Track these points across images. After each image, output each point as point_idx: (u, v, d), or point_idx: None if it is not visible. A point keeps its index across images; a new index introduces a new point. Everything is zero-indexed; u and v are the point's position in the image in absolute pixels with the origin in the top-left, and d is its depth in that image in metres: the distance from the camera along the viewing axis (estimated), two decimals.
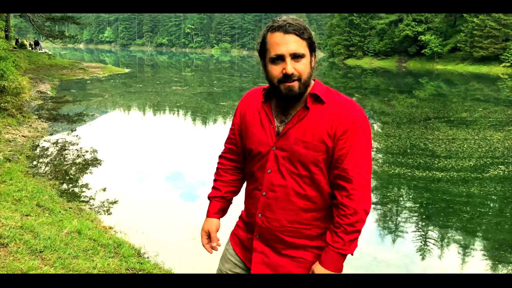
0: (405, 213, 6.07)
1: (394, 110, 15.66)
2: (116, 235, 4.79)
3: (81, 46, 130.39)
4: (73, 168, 7.55)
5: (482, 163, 8.26)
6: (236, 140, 1.94)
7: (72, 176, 7.06)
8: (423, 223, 5.75)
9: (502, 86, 30.34)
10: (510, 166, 8.06)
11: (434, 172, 7.60)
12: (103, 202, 6.01)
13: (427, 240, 5.30)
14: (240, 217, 1.99)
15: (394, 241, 5.27)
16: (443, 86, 29.76)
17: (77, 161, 8.02)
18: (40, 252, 3.59)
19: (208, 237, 1.99)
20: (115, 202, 6.03)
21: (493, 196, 6.52)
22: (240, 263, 1.91)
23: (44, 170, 7.25)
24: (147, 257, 4.32)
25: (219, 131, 11.65)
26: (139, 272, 3.71)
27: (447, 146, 9.56)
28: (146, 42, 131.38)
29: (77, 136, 10.09)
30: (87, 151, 8.67)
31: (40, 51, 36.16)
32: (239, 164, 1.98)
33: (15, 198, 5.16)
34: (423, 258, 4.79)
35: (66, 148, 8.92)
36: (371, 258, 4.69)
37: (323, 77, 39.01)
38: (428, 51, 53.04)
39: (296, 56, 1.61)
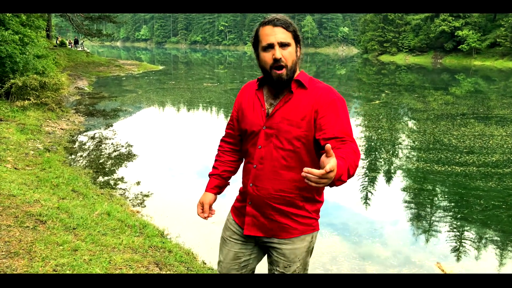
0: (419, 205, 6.22)
1: (427, 106, 15.56)
2: (143, 218, 5.22)
3: (118, 44, 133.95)
4: (106, 159, 8.08)
5: (505, 159, 8.25)
6: (233, 125, 2.30)
7: (105, 166, 7.58)
8: (437, 215, 5.89)
9: None
10: None
11: (454, 167, 7.68)
12: (133, 190, 6.47)
13: (440, 229, 5.46)
14: (238, 191, 2.32)
15: (407, 232, 5.46)
16: (481, 83, 29.04)
17: (110, 152, 8.56)
18: (74, 229, 4.04)
19: (202, 208, 2.34)
20: (144, 191, 6.47)
21: (510, 191, 6.57)
22: (237, 230, 2.25)
23: (79, 160, 7.81)
24: (170, 238, 4.71)
25: None
26: (161, 249, 4.10)
27: (471, 142, 9.56)
28: (181, 40, 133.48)
29: (111, 130, 10.68)
30: (120, 144, 9.21)
31: (79, 49, 37.60)
32: (236, 146, 2.34)
33: (53, 184, 5.68)
34: (433, 248, 4.97)
35: (100, 140, 9.49)
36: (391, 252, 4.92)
37: (356, 73, 38.73)
38: (466, 47, 51.63)
39: (283, 45, 1.96)
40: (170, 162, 8.26)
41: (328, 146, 1.54)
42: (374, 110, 14.63)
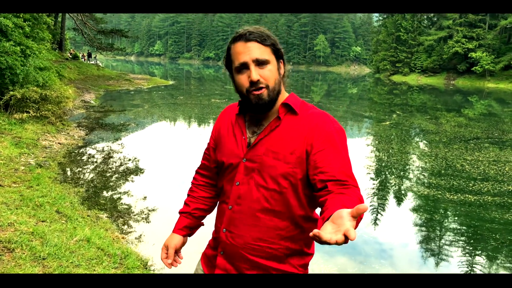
0: (429, 237, 5.76)
1: (439, 128, 15.07)
2: (127, 245, 4.83)
3: (132, 58, 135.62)
4: (100, 177, 7.74)
5: None
6: (209, 155, 1.92)
7: (97, 185, 7.23)
8: (447, 249, 5.42)
9: None
10: None
11: (467, 196, 7.20)
12: (123, 211, 6.10)
13: (450, 264, 4.99)
14: (212, 235, 1.93)
15: (415, 266, 5.00)
16: (495, 105, 28.46)
17: (105, 170, 8.23)
18: (43, 259, 3.66)
19: (167, 253, 1.93)
20: (135, 213, 6.09)
21: None
22: None
23: (72, 177, 7.47)
24: (153, 270, 4.31)
25: None
26: None
27: (486, 168, 9.06)
28: (194, 56, 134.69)
29: (110, 146, 10.38)
30: (117, 162, 8.89)
31: (92, 62, 37.85)
32: (212, 180, 1.95)
33: (36, 204, 5.33)
34: None
35: (98, 157, 9.18)
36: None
37: (368, 93, 38.38)
38: (479, 69, 51.06)
39: (260, 63, 1.59)
40: (167, 181, 7.89)
41: (363, 206, 1.08)
42: (385, 131, 14.18)
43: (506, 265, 4.99)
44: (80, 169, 8.07)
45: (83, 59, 37.08)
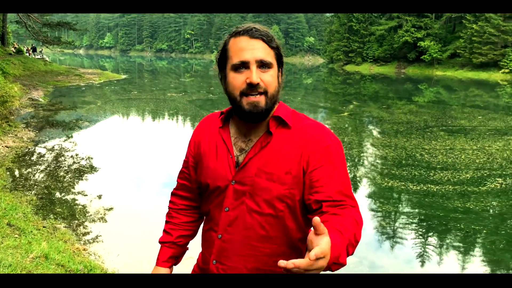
0: (397, 231, 5.80)
1: (393, 117, 15.40)
2: (89, 258, 4.52)
3: (81, 51, 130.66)
4: (54, 180, 7.28)
5: (480, 175, 8.00)
6: (189, 174, 1.67)
7: (52, 190, 6.79)
8: (416, 242, 5.47)
9: (501, 92, 30.15)
10: (508, 178, 7.79)
11: (429, 186, 7.34)
12: (81, 219, 5.74)
13: (420, 259, 5.03)
14: (196, 263, 1.73)
15: (387, 257, 5.00)
16: (443, 92, 29.56)
17: (58, 172, 7.76)
18: None
19: None
20: (95, 219, 5.75)
21: (489, 212, 6.25)
22: None
23: (23, 183, 6.97)
24: None
25: None
26: None
27: (444, 157, 9.30)
28: (146, 48, 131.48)
29: (63, 147, 9.84)
30: (70, 163, 8.42)
31: (38, 57, 36.01)
32: (194, 202, 1.71)
33: None
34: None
35: (49, 158, 8.66)
36: None
37: (322, 83, 38.88)
38: (428, 57, 52.89)
39: (263, 65, 1.39)
40: (123, 178, 7.55)
41: (317, 220, 1.01)
42: (343, 122, 14.32)
43: (474, 255, 5.08)
44: (32, 174, 7.56)
45: (27, 54, 35.20)
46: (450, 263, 4.96)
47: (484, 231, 5.68)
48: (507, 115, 16.77)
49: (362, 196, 7.01)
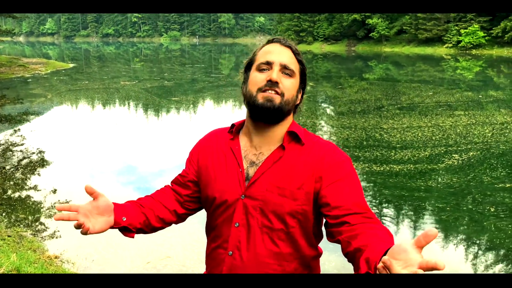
0: None
1: (348, 97, 15.71)
2: (63, 266, 4.37)
3: (21, 39, 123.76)
4: (9, 182, 6.93)
5: (437, 152, 8.35)
6: (182, 189, 1.63)
7: (9, 193, 6.46)
8: (386, 224, 5.67)
9: (446, 66, 31.48)
10: (463, 154, 8.19)
11: (392, 166, 7.59)
12: (48, 222, 5.51)
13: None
14: None
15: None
16: (392, 68, 30.49)
17: (14, 173, 7.39)
18: None
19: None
20: (56, 224, 5.53)
21: (450, 189, 6.56)
22: None
23: None
24: None
25: (169, 127, 11.22)
26: None
27: (402, 136, 9.62)
28: (91, 33, 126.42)
29: (10, 141, 9.36)
30: (25, 160, 8.04)
31: None
32: (171, 215, 1.61)
33: None
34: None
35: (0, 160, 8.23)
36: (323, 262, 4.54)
37: None
38: (376, 34, 54.16)
39: (286, 69, 1.43)
40: (89, 172, 7.31)
41: (433, 231, 0.97)
42: (302, 105, 14.45)
43: (442, 234, 5.33)
44: None
45: None
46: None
47: (447, 208, 5.96)
48: (453, 89, 17.57)
49: None
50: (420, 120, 11.21)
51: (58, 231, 5.29)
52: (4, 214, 5.73)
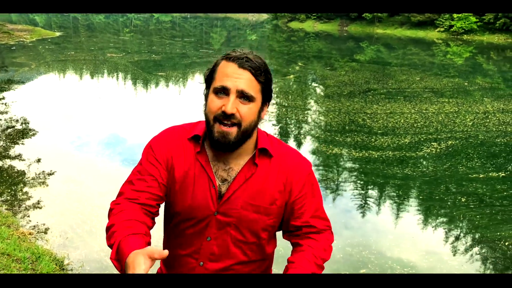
0: (339, 200, 6.08)
1: (336, 78, 15.70)
2: (36, 242, 4.41)
3: None
4: None
5: (417, 140, 8.46)
6: (156, 185, 1.44)
7: None
8: (358, 210, 5.78)
9: (437, 50, 31.49)
10: (442, 143, 8.31)
11: (371, 152, 7.69)
12: (23, 197, 5.53)
13: (360, 227, 5.34)
14: None
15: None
16: (383, 50, 30.43)
17: None
18: None
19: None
20: (38, 195, 5.54)
21: (425, 178, 6.68)
22: None
23: None
24: (71, 270, 4.01)
25: (156, 102, 11.15)
26: None
27: (384, 122, 9.71)
28: None
29: None
30: (9, 129, 7.97)
31: None
32: (154, 210, 1.46)
33: None
34: (357, 251, 4.81)
35: None
36: None
37: (267, 40, 38.60)
38: (369, 15, 53.68)
39: (243, 96, 1.37)
40: (67, 142, 7.29)
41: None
42: (290, 86, 14.44)
43: (411, 222, 5.46)
44: None
45: None
46: (389, 231, 5.31)
47: (420, 197, 6.10)
48: (441, 75, 17.62)
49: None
50: (404, 106, 11.29)
51: (37, 205, 5.31)
52: None
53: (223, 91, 1.38)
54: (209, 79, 1.45)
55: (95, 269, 4.08)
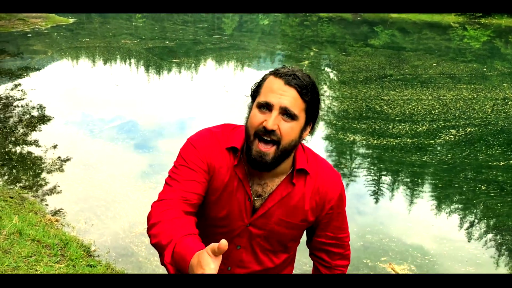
0: (356, 187, 6.09)
1: (351, 64, 15.56)
2: (63, 229, 4.52)
3: None
4: (11, 138, 7.01)
5: (435, 127, 8.40)
6: (200, 185, 1.44)
7: (10, 151, 6.56)
8: (375, 201, 5.80)
9: (453, 34, 30.89)
10: (460, 130, 8.24)
11: (388, 139, 7.66)
12: (49, 183, 5.64)
13: (381, 216, 5.37)
14: None
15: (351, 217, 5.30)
16: (397, 35, 29.94)
17: (15, 130, 7.46)
18: None
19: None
20: (58, 181, 5.65)
21: (444, 165, 6.65)
22: None
23: None
24: (98, 256, 4.11)
25: (170, 88, 11.20)
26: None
27: (402, 108, 9.64)
28: None
29: (10, 95, 9.39)
30: (26, 116, 8.10)
31: None
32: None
33: None
34: (378, 239, 4.84)
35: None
36: None
37: (279, 25, 38.25)
38: None
39: (286, 113, 1.36)
40: (91, 129, 7.40)
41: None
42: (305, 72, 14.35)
43: (431, 209, 5.46)
44: None
45: None
46: (408, 219, 5.32)
47: (440, 184, 6.08)
48: (458, 59, 17.35)
49: (326, 154, 7.24)
50: (421, 92, 11.18)
51: (60, 192, 5.43)
52: (5, 174, 5.85)
53: (267, 107, 1.37)
54: (254, 92, 1.45)
55: (121, 255, 4.18)
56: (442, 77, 13.40)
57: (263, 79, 1.44)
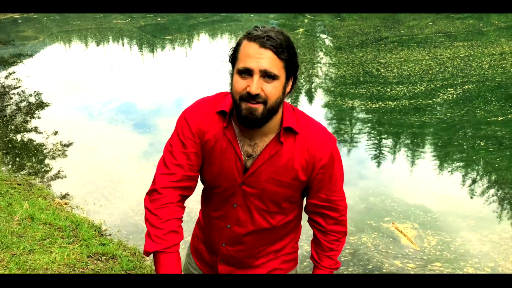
0: (358, 154, 6.16)
1: (346, 28, 15.40)
2: (73, 211, 4.62)
3: None
4: (11, 127, 7.07)
5: (433, 87, 8.41)
6: (192, 163, 1.57)
7: (12, 139, 6.63)
8: (376, 164, 5.87)
9: None
10: (458, 88, 8.25)
11: (387, 102, 7.68)
12: (53, 169, 5.72)
13: (384, 178, 5.46)
14: (198, 227, 1.88)
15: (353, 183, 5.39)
16: None
17: (15, 118, 7.50)
18: None
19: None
20: (63, 166, 5.74)
21: (443, 124, 6.71)
22: None
23: None
24: (109, 235, 4.22)
25: (165, 65, 11.16)
26: (103, 257, 3.63)
27: (399, 70, 9.62)
28: None
29: (9, 87, 9.40)
30: (23, 103, 8.13)
31: None
32: (188, 194, 1.65)
33: None
34: (380, 200, 4.94)
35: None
36: None
37: None
38: None
39: (267, 75, 1.40)
40: (90, 112, 7.45)
41: None
42: (300, 40, 14.23)
43: (433, 168, 5.54)
44: None
45: None
46: (409, 179, 5.41)
47: (439, 143, 6.15)
48: (453, 16, 17.12)
49: (326, 122, 7.29)
50: (418, 53, 11.13)
51: (65, 176, 5.52)
52: (10, 162, 5.93)
53: (247, 72, 1.41)
54: (233, 59, 1.48)
55: (131, 233, 4.29)
56: (438, 36, 13.30)
57: (238, 44, 1.46)
